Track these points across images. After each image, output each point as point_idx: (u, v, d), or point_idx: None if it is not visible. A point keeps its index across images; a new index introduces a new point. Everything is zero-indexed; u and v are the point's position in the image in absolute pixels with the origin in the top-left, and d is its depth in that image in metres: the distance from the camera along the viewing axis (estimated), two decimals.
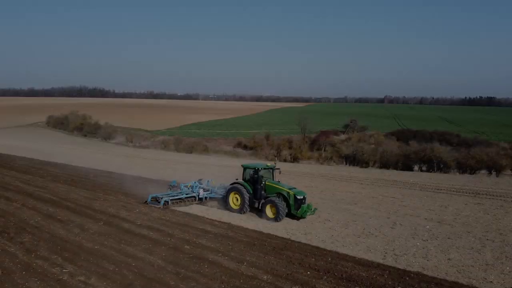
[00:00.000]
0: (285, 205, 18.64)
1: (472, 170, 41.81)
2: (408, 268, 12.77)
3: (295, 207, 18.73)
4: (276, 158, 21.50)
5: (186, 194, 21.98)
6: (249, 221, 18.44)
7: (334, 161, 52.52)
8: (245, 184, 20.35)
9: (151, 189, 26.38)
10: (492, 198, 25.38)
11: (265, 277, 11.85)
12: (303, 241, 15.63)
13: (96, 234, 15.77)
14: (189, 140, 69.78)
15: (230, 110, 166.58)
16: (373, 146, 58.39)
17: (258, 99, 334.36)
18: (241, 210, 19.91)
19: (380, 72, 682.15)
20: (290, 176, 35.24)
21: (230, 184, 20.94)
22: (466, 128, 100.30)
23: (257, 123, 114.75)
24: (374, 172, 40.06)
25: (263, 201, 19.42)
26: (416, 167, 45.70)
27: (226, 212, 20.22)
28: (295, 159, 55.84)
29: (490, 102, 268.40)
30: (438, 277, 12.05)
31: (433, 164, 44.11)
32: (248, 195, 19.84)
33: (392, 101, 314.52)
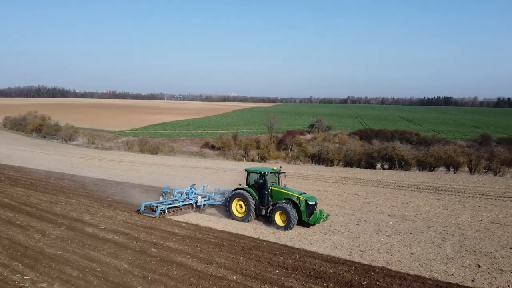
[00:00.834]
0: (295, 211, 17.38)
1: (431, 167, 43.63)
2: (373, 263, 13.13)
3: (306, 214, 17.39)
4: (281, 167, 20.12)
5: (183, 201, 20.42)
6: (218, 222, 18.34)
7: (300, 160, 53.27)
8: (250, 189, 18.83)
9: (115, 191, 25.86)
10: (451, 194, 26.58)
11: (234, 277, 11.83)
12: (272, 240, 15.73)
13: (58, 239, 15.16)
14: (154, 141, 68.49)
15: (196, 110, 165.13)
16: (337, 145, 59.62)
17: (225, 99, 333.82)
18: (246, 218, 18.41)
19: (343, 73, 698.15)
20: None
21: (233, 190, 19.41)
22: (425, 127, 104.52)
23: (224, 123, 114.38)
24: (338, 171, 40.95)
25: (271, 208, 18.06)
26: (378, 165, 47.19)
27: (194, 214, 20.00)
28: (262, 159, 56.15)
29: (447, 102, 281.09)
30: (401, 271, 12.47)
31: (394, 162, 45.68)
32: (254, 201, 18.36)
33: (355, 101, 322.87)
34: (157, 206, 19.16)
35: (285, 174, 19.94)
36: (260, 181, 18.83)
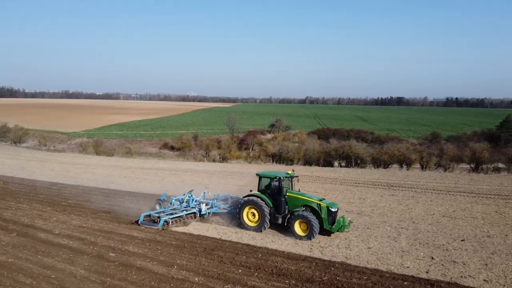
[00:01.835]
0: (317, 219, 16.02)
1: (386, 165, 45.44)
2: (333, 259, 13.47)
3: (328, 222, 16.09)
4: (293, 170, 18.51)
5: (186, 210, 18.74)
6: (178, 224, 18.03)
7: (261, 160, 53.69)
8: (263, 196, 17.25)
9: (69, 195, 24.92)
10: (404, 190, 27.79)
11: (196, 279, 11.71)
12: (234, 239, 15.72)
13: (9, 246, 14.40)
14: (110, 142, 66.52)
15: (154, 110, 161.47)
16: (297, 144, 60.82)
17: (184, 99, 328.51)
18: (259, 228, 16.85)
19: (302, 74, 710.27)
20: (220, 175, 35.38)
21: (244, 197, 17.73)
22: (379, 126, 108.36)
23: (184, 123, 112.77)
24: (298, 169, 41.54)
25: (288, 216, 16.59)
26: (336, 163, 48.50)
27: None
28: (224, 159, 55.98)
29: (399, 102, 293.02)
30: (360, 265, 12.87)
31: (351, 160, 47.15)
32: (268, 209, 16.88)
33: (313, 101, 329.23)
34: (158, 217, 17.53)
35: (297, 178, 18.56)
36: (275, 186, 17.34)
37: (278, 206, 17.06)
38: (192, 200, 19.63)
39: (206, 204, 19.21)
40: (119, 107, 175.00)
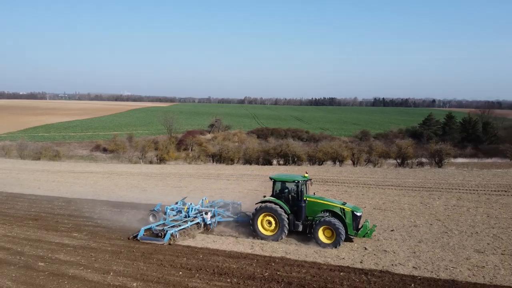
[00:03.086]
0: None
1: (320, 162, 47.25)
2: (274, 255, 13.73)
3: (353, 227, 15.21)
4: (307, 172, 17.12)
5: (190, 221, 16.77)
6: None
7: (201, 160, 53.17)
8: (280, 202, 15.97)
9: None
10: (338, 185, 29.10)
11: (134, 284, 11.30)
12: None
13: None
14: (35, 145, 61.88)
15: (84, 110, 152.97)
16: (237, 144, 61.18)
17: (117, 98, 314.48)
18: (277, 236, 15.48)
19: (241, 74, 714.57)
20: (158, 178, 34.47)
21: (257, 203, 16.40)
22: (314, 125, 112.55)
23: (117, 124, 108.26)
24: (239, 168, 41.88)
25: (309, 222, 15.45)
26: (274, 161, 49.53)
27: (84, 220, 18.51)
28: (161, 160, 54.58)
29: (331, 102, 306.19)
30: (299, 259, 13.26)
31: (288, 158, 48.39)
32: (286, 216, 15.58)
33: (251, 101, 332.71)
34: (163, 230, 15.56)
35: (311, 181, 17.53)
36: (293, 191, 16.32)
37: (297, 212, 15.83)
38: (192, 209, 17.93)
39: (209, 212, 17.50)
40: (46, 108, 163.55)
